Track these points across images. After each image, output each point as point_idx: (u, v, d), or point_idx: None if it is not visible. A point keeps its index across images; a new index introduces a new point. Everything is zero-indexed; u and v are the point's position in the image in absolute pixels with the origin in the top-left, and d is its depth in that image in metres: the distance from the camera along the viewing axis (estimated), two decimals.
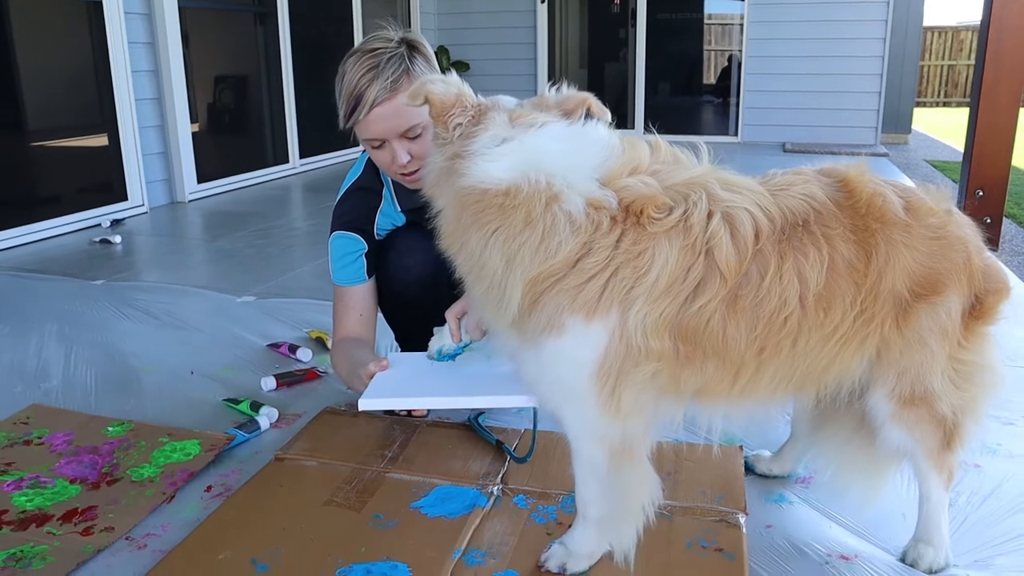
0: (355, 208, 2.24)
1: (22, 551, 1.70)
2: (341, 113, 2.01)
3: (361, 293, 2.22)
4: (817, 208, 1.42)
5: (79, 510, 1.86)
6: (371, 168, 2.24)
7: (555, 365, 1.42)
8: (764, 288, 1.36)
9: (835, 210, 1.42)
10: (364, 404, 1.76)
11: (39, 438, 2.21)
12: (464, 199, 1.41)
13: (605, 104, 1.58)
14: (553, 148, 1.42)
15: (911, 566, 1.62)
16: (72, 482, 1.98)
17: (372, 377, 1.89)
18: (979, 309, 1.51)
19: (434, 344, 1.91)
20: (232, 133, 6.82)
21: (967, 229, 1.52)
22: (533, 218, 1.35)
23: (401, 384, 1.86)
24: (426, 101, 1.49)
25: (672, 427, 1.57)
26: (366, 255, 2.21)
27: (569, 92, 1.56)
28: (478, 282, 1.44)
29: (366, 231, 2.22)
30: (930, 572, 1.60)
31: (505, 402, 1.78)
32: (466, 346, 1.90)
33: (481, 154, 1.42)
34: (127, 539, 1.77)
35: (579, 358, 1.39)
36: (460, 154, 1.45)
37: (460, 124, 1.47)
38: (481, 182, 1.39)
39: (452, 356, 1.90)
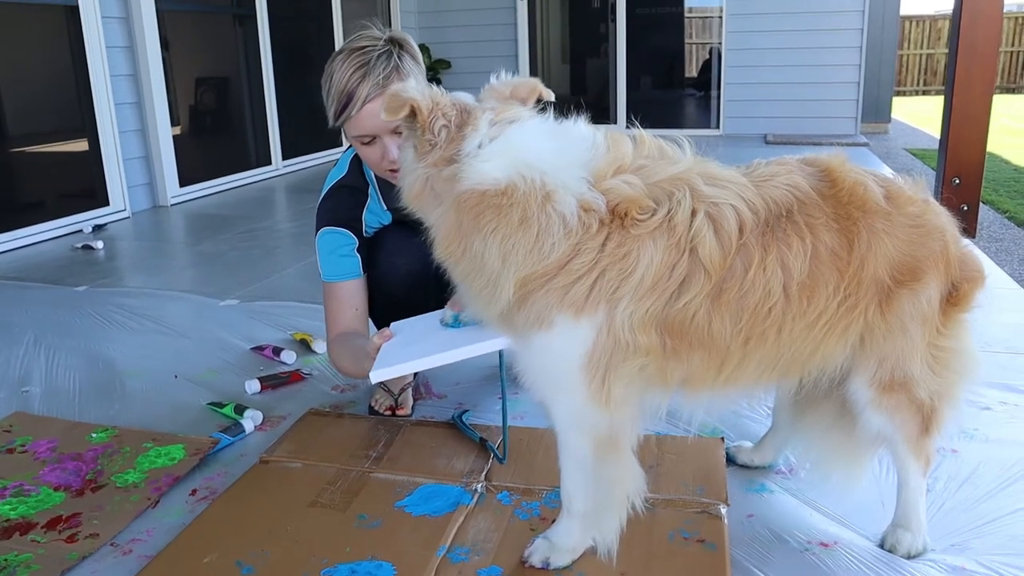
0: (342, 204, 2.23)
1: (6, 560, 1.70)
2: (331, 111, 2.02)
3: (354, 288, 2.20)
4: (800, 198, 1.44)
5: (63, 517, 1.86)
6: (355, 167, 2.24)
7: (544, 357, 1.45)
8: (748, 280, 1.39)
9: (818, 199, 1.45)
10: (375, 376, 1.73)
11: (22, 446, 2.20)
12: (463, 204, 1.40)
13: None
14: (541, 146, 1.43)
15: (890, 551, 1.65)
16: (56, 489, 1.98)
17: (379, 350, 1.87)
18: (956, 296, 1.53)
19: (450, 310, 1.87)
20: (214, 136, 6.79)
21: (944, 218, 1.55)
22: (528, 217, 1.36)
23: (407, 349, 1.83)
24: (412, 110, 1.46)
25: (655, 419, 1.59)
26: (358, 250, 2.20)
27: (517, 79, 1.58)
28: (475, 281, 1.44)
29: (354, 227, 2.20)
30: (908, 557, 1.63)
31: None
32: None
33: (475, 155, 1.42)
34: (112, 545, 1.77)
35: (567, 352, 1.41)
36: (451, 158, 1.44)
37: (446, 127, 1.46)
38: (478, 184, 1.39)
39: (465, 324, 1.86)
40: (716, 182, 1.42)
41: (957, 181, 3.98)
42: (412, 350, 1.80)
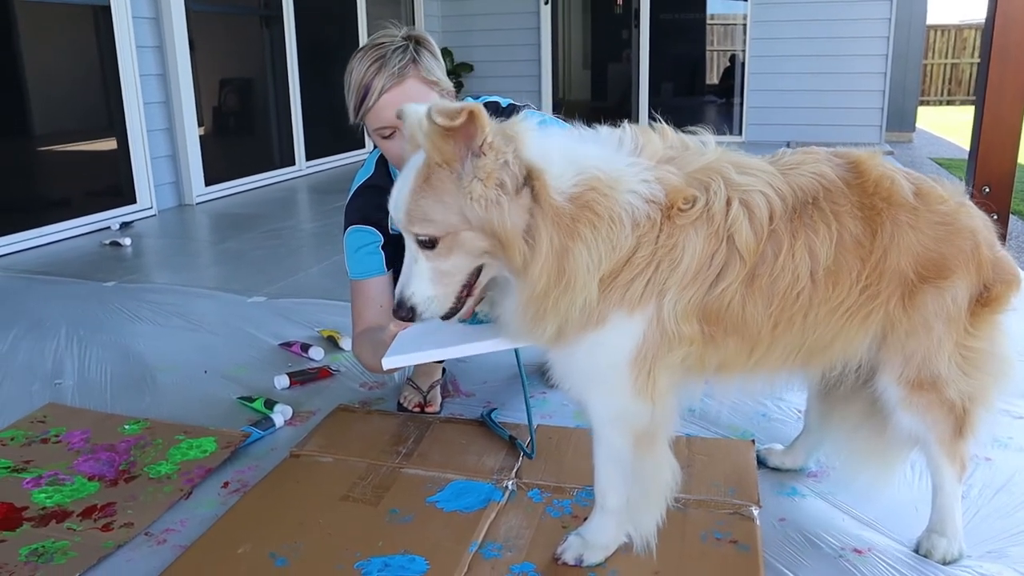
0: (369, 203, 2.24)
1: (43, 547, 1.72)
2: (351, 107, 2.04)
3: (380, 285, 2.21)
4: (826, 186, 1.45)
5: (98, 506, 1.88)
6: (382, 167, 2.26)
7: (593, 356, 1.44)
8: (779, 266, 1.40)
9: (843, 188, 1.46)
10: (388, 362, 1.73)
11: (56, 436, 2.23)
12: (560, 218, 1.31)
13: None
14: (579, 144, 1.41)
15: (924, 556, 1.63)
16: (90, 479, 2.01)
17: (394, 337, 1.86)
18: (987, 297, 1.53)
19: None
20: (239, 136, 6.85)
21: (978, 221, 1.54)
22: (613, 209, 1.33)
23: (421, 339, 1.82)
24: (472, 116, 1.25)
25: (686, 419, 1.58)
26: (383, 247, 2.21)
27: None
28: (562, 299, 1.34)
29: (381, 224, 2.22)
30: (943, 562, 1.61)
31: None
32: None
33: (549, 165, 1.32)
34: (146, 535, 1.79)
35: (618, 348, 1.41)
36: (527, 175, 1.31)
37: (506, 140, 1.30)
38: (564, 191, 1.32)
39: (480, 321, 1.86)
40: (746, 171, 1.43)
41: (987, 189, 3.95)
42: (426, 340, 1.80)
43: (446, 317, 1.47)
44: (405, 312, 1.42)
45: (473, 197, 1.29)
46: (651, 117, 1.57)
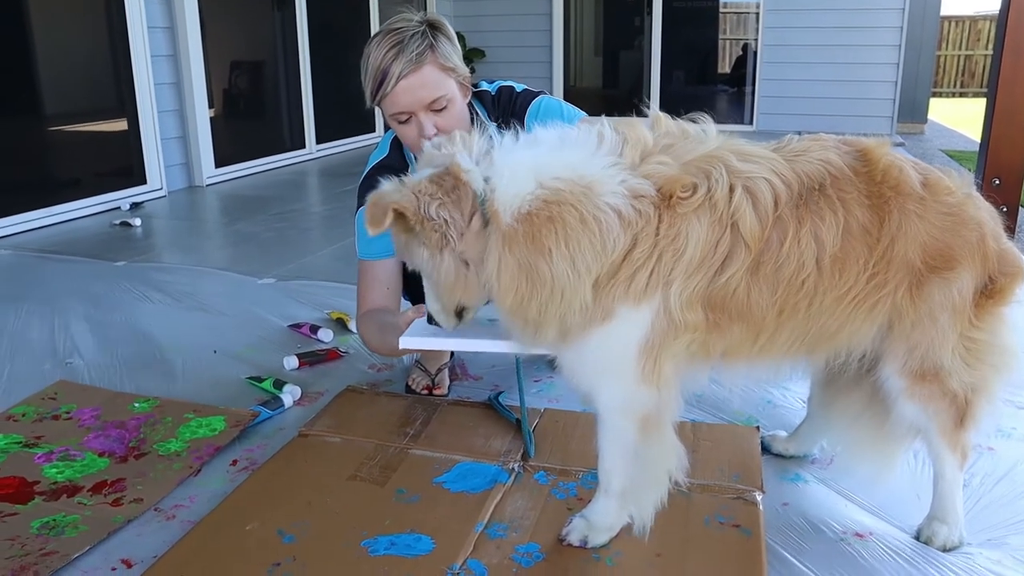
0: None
1: (55, 520, 1.75)
2: (367, 91, 2.04)
3: (388, 267, 2.21)
4: (833, 173, 1.45)
5: (108, 482, 1.91)
6: (396, 149, 2.27)
7: (601, 349, 1.45)
8: (784, 253, 1.41)
9: (851, 175, 1.46)
10: (404, 342, 1.76)
11: (67, 413, 2.25)
12: (513, 237, 1.35)
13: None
14: (549, 154, 1.42)
15: (925, 543, 1.65)
16: (100, 455, 2.03)
17: (411, 323, 1.87)
18: (992, 289, 1.53)
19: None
20: (249, 118, 6.86)
21: (984, 213, 1.54)
22: (585, 215, 1.35)
23: (438, 329, 1.82)
24: (397, 214, 1.39)
25: (691, 404, 1.60)
26: None
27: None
28: (549, 308, 1.38)
29: None
30: (944, 550, 1.63)
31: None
32: None
33: (493, 190, 1.37)
34: (156, 510, 1.81)
35: (626, 339, 1.43)
36: (469, 214, 1.39)
37: (440, 201, 1.38)
38: (519, 208, 1.36)
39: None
40: (748, 158, 1.44)
41: (997, 182, 3.94)
42: (440, 331, 1.80)
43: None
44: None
45: (424, 258, 1.46)
46: (641, 100, 1.57)
